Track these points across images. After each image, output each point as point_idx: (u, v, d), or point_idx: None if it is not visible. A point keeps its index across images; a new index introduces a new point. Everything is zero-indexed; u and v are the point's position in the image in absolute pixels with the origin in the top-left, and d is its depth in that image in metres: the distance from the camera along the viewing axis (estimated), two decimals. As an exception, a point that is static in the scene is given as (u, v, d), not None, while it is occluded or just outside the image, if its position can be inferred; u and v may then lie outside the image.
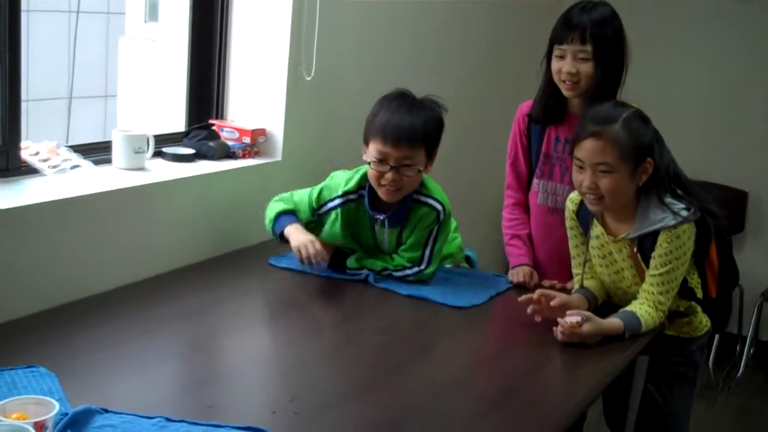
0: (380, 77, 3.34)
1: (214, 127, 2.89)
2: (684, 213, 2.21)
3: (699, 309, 2.39)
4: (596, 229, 2.34)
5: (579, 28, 2.47)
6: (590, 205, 2.27)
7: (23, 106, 2.33)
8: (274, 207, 2.59)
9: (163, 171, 2.60)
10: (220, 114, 2.99)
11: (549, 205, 2.66)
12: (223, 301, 2.33)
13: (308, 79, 2.91)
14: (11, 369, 1.77)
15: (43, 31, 4.24)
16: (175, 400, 1.77)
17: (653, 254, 2.24)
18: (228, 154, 2.84)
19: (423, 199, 2.50)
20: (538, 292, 2.27)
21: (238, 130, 2.89)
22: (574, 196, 2.40)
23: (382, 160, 2.39)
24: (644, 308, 2.25)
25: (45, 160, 2.40)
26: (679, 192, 2.26)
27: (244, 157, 2.86)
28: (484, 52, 4.08)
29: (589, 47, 2.46)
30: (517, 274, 2.61)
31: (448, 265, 2.67)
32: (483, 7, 3.96)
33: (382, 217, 2.50)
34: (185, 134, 2.86)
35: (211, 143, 2.80)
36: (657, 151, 2.23)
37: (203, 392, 1.83)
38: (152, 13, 4.43)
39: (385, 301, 2.40)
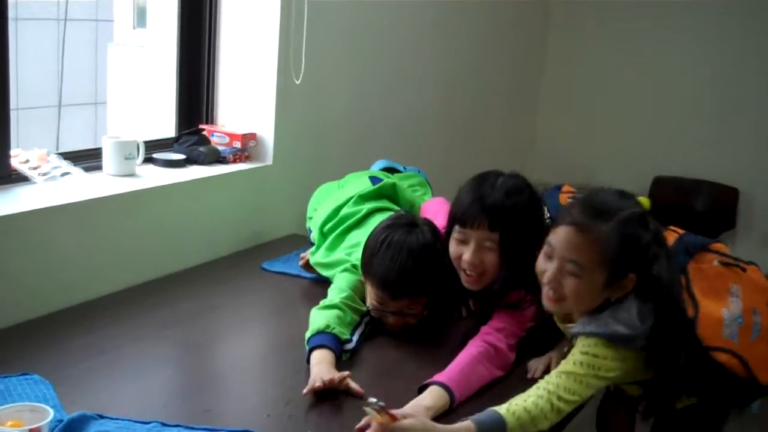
0: (370, 79, 3.36)
1: (204, 132, 2.89)
2: (620, 330, 1.76)
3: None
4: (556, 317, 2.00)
5: (490, 213, 2.00)
6: (546, 302, 1.85)
7: (12, 114, 2.33)
8: (313, 320, 2.09)
9: (153, 177, 2.60)
10: (210, 119, 2.99)
11: None
12: (216, 306, 2.33)
13: (297, 82, 2.91)
14: (5, 376, 1.76)
15: (32, 39, 4.23)
16: (170, 405, 1.77)
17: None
18: (219, 158, 2.84)
19: None
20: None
21: (229, 134, 2.89)
22: None
23: (382, 305, 2.18)
24: (523, 402, 1.72)
25: (35, 168, 2.40)
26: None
27: (234, 161, 2.87)
28: (474, 55, 4.09)
29: (496, 235, 2.01)
30: None
31: None
32: (473, 8, 3.97)
33: None
34: (175, 140, 2.87)
35: (201, 148, 2.80)
36: (654, 264, 1.78)
37: (198, 396, 1.83)
38: (140, 19, 4.43)
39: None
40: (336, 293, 2.20)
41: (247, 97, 2.94)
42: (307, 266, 2.53)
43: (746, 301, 1.92)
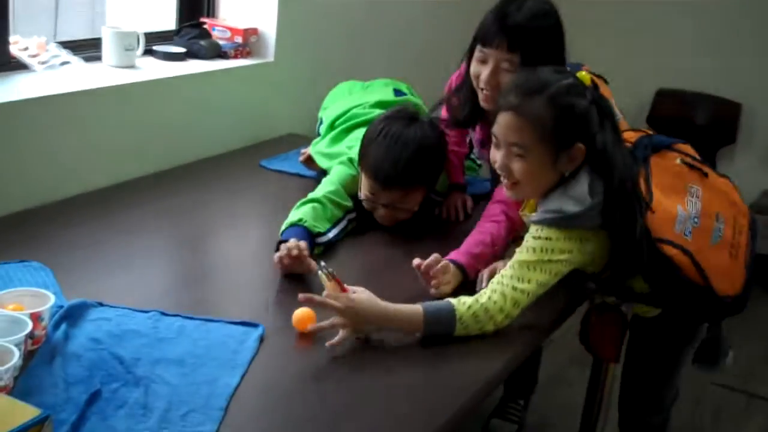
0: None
1: (205, 26, 2.84)
2: (569, 208, 1.75)
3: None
4: (523, 210, 1.96)
5: (510, 33, 1.98)
6: (506, 190, 1.86)
7: (10, 3, 2.28)
8: (290, 215, 2.08)
9: (153, 69, 2.56)
10: (211, 12, 2.94)
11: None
12: (214, 201, 2.33)
13: (301, -22, 2.86)
14: (5, 263, 1.78)
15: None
16: (169, 296, 1.78)
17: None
18: (219, 53, 2.80)
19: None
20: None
21: (230, 29, 2.84)
22: None
23: (373, 198, 2.19)
24: (477, 295, 1.74)
25: (34, 56, 2.37)
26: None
27: (235, 57, 2.83)
28: None
29: (516, 57, 1.98)
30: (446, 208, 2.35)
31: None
32: None
33: None
34: (176, 32, 2.82)
35: (202, 42, 2.76)
36: (596, 132, 1.76)
37: (197, 288, 1.85)
38: None
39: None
40: (323, 186, 2.20)
41: (250, -9, 2.89)
42: (308, 161, 2.52)
43: (707, 204, 1.91)
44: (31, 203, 2.12)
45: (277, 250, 1.93)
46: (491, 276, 1.88)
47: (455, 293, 1.82)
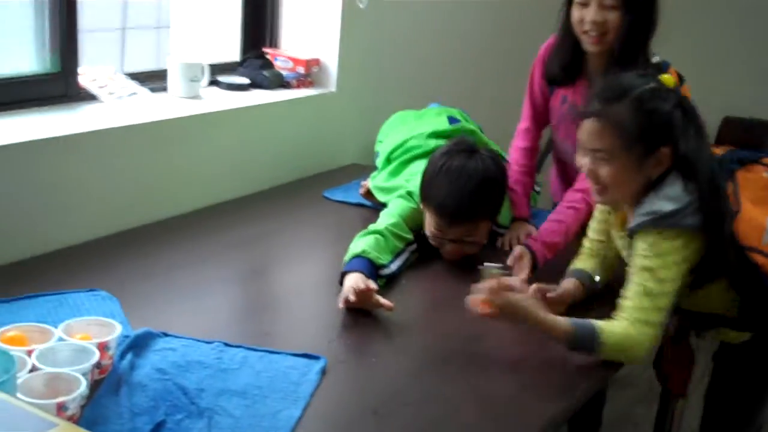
0: (437, 6, 3.29)
1: (268, 57, 2.87)
2: (666, 207, 1.75)
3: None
4: (614, 218, 1.99)
5: None
6: (595, 196, 1.88)
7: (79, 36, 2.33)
8: (352, 246, 2.08)
9: (218, 100, 2.60)
10: (273, 43, 2.97)
11: (560, 158, 2.49)
12: (278, 231, 2.34)
13: (362, 7, 2.87)
14: (74, 292, 1.80)
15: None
16: (233, 327, 1.79)
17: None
18: (282, 83, 2.83)
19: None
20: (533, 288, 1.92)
21: (292, 59, 2.87)
22: None
23: (440, 234, 2.18)
24: (612, 322, 1.75)
25: (103, 87, 2.41)
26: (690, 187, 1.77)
27: (298, 87, 2.85)
28: None
29: None
30: (508, 239, 2.33)
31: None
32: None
33: None
34: (240, 63, 2.86)
35: (265, 73, 2.79)
36: (680, 136, 1.76)
37: (260, 320, 1.86)
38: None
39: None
40: (384, 218, 2.19)
41: (312, 22, 2.91)
42: (367, 195, 2.52)
43: None
44: (98, 233, 2.15)
45: (341, 281, 1.92)
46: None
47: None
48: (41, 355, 1.45)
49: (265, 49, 2.92)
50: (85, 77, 2.41)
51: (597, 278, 2.01)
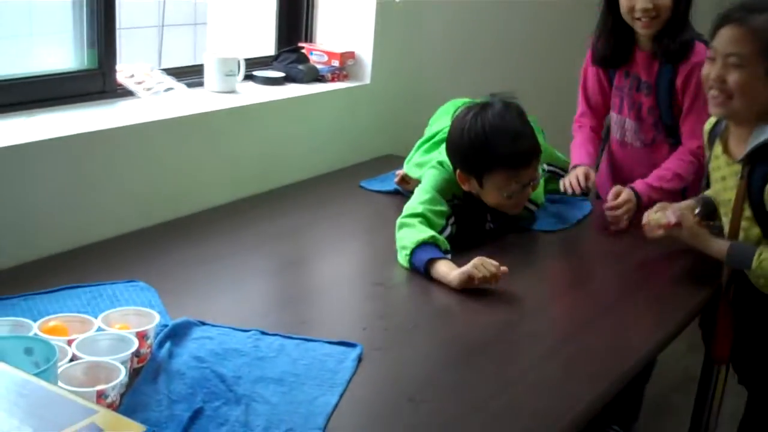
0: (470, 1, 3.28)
1: (303, 51, 2.89)
2: None
3: None
4: (716, 149, 2.10)
5: None
6: (713, 107, 1.98)
7: (117, 33, 2.36)
8: (407, 236, 2.07)
9: (253, 94, 2.62)
10: (309, 37, 2.98)
11: (618, 138, 2.58)
12: (314, 222, 2.35)
13: (397, 1, 2.88)
14: (113, 283, 1.83)
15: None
16: (269, 316, 1.81)
17: None
18: (317, 77, 2.84)
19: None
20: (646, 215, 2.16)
21: (327, 53, 2.88)
22: (711, 118, 2.16)
23: (513, 184, 2.16)
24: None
25: (140, 83, 2.44)
26: None
27: (333, 80, 2.86)
28: None
29: None
30: (568, 181, 2.44)
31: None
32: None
33: (493, 226, 2.32)
34: (275, 57, 2.87)
35: (300, 66, 2.80)
36: None
37: (296, 308, 1.87)
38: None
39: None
40: (419, 196, 2.19)
41: (347, 16, 2.92)
42: (402, 182, 2.52)
43: None
44: (136, 225, 2.18)
45: (427, 273, 1.96)
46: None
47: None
48: (81, 344, 1.47)
49: (301, 44, 2.93)
50: (122, 74, 2.44)
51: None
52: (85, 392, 1.32)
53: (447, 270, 1.95)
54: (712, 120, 2.17)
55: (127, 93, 2.40)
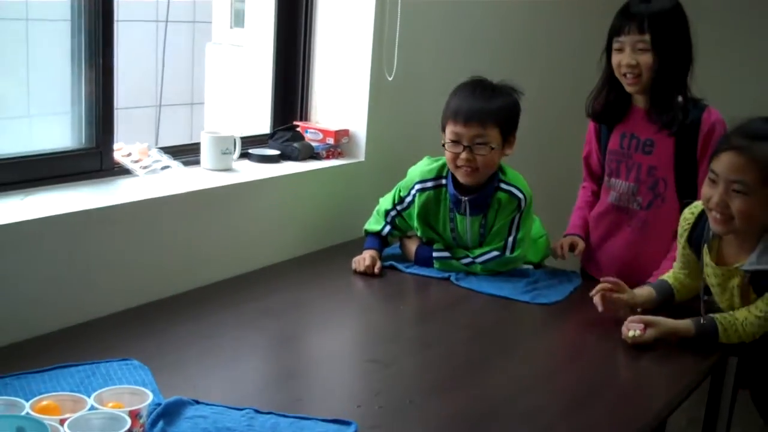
0: (462, 76, 3.34)
1: (298, 129, 2.93)
2: None
3: None
4: (706, 257, 2.16)
5: (637, 18, 2.39)
6: (714, 225, 2.06)
7: (115, 113, 2.40)
8: (369, 223, 2.68)
9: (249, 171, 2.64)
10: (304, 115, 3.03)
11: (614, 203, 2.60)
12: (309, 299, 2.36)
13: (390, 79, 2.93)
14: (107, 361, 1.82)
15: (132, 40, 4.35)
16: (263, 393, 1.80)
17: None
18: (312, 155, 2.87)
19: (504, 186, 2.52)
20: (603, 280, 2.26)
21: (322, 131, 2.92)
22: (688, 214, 2.23)
23: (455, 141, 2.45)
24: (731, 317, 2.10)
25: (137, 161, 2.47)
26: None
27: (328, 157, 2.90)
28: (566, 51, 4.04)
29: (647, 37, 2.37)
30: (557, 247, 2.63)
31: (527, 266, 2.65)
32: (565, 5, 3.92)
33: (464, 199, 2.51)
34: (270, 136, 2.91)
35: (295, 144, 2.84)
36: None
37: (290, 386, 1.86)
38: (238, 19, 4.53)
39: (467, 300, 2.40)
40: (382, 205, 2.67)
41: (341, 94, 2.97)
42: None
43: None
44: (131, 303, 2.18)
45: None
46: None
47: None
48: (74, 423, 1.46)
49: (296, 122, 2.97)
50: (120, 152, 2.47)
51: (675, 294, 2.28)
52: (77, 473, 1.31)
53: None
54: (688, 218, 2.22)
55: (124, 171, 2.42)
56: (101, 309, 2.11)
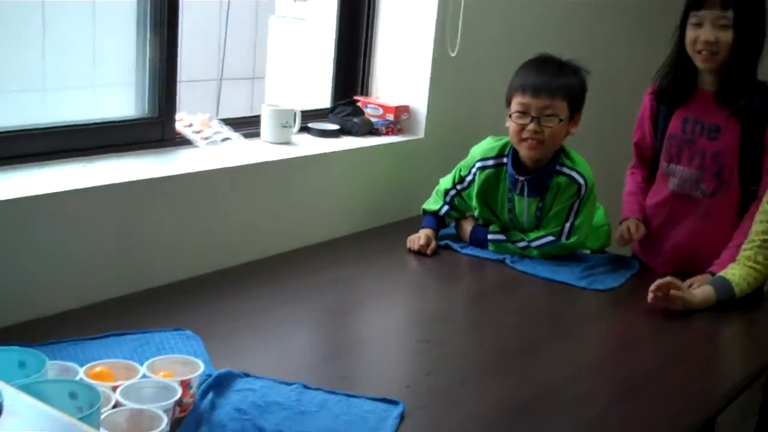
0: (526, 54, 3.28)
1: (358, 104, 2.92)
2: None
3: None
4: None
5: None
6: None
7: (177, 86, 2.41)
8: (427, 203, 2.67)
9: (308, 145, 2.64)
10: (365, 91, 3.02)
11: (675, 190, 2.51)
12: (362, 276, 2.36)
13: (453, 55, 2.90)
14: (160, 331, 1.84)
15: (195, 13, 4.37)
16: (312, 369, 1.80)
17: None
18: (371, 130, 2.86)
19: (565, 170, 2.47)
20: (665, 281, 2.19)
21: (382, 106, 2.90)
22: None
23: (523, 112, 2.41)
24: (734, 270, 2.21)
25: (198, 132, 2.48)
26: None
27: (387, 134, 2.88)
28: (634, 32, 3.95)
29: (729, 13, 2.28)
30: (619, 233, 2.54)
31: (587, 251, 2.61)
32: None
33: (522, 179, 2.47)
34: (330, 110, 2.91)
35: (355, 119, 2.83)
36: None
37: (339, 363, 1.86)
38: (302, -8, 4.53)
39: (522, 283, 2.37)
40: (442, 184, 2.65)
41: (403, 70, 2.95)
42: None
43: None
44: (186, 273, 2.20)
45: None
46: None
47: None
48: (125, 391, 1.48)
49: (357, 97, 2.96)
50: (181, 123, 2.48)
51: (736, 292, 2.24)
52: (127, 440, 1.32)
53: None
54: None
55: (185, 142, 2.44)
56: (157, 279, 2.14)
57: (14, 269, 1.87)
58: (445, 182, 2.64)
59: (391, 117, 2.89)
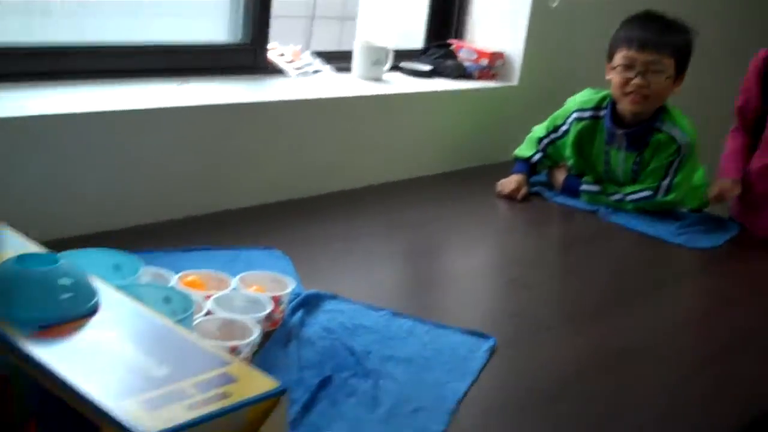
0: (628, 11, 3.18)
1: (452, 47, 2.86)
2: None
3: None
4: None
5: None
6: None
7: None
8: (519, 149, 2.63)
9: (400, 84, 2.60)
10: (458, 34, 2.95)
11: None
12: (450, 215, 2.31)
13: (554, 6, 2.82)
14: (250, 248, 1.83)
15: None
16: (400, 299, 1.77)
17: None
18: (464, 74, 2.80)
19: (665, 128, 2.39)
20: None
21: (477, 51, 2.84)
22: None
23: (628, 66, 2.35)
24: None
25: (290, 62, 2.46)
26: None
27: (480, 78, 2.82)
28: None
29: None
30: (715, 191, 2.47)
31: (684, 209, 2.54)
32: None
33: (621, 132, 2.40)
34: (423, 51, 2.86)
35: (448, 62, 2.77)
36: None
37: (428, 295, 1.83)
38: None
39: (614, 235, 2.31)
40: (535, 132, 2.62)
41: (500, 16, 2.88)
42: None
43: None
44: (276, 197, 2.19)
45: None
46: None
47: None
48: (217, 301, 1.47)
49: (451, 40, 2.90)
50: (273, 52, 2.46)
51: None
52: (220, 345, 1.31)
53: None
54: None
55: (276, 71, 2.42)
56: (246, 199, 2.13)
57: (111, 178, 1.87)
58: (539, 130, 2.57)
59: (485, 62, 2.82)
